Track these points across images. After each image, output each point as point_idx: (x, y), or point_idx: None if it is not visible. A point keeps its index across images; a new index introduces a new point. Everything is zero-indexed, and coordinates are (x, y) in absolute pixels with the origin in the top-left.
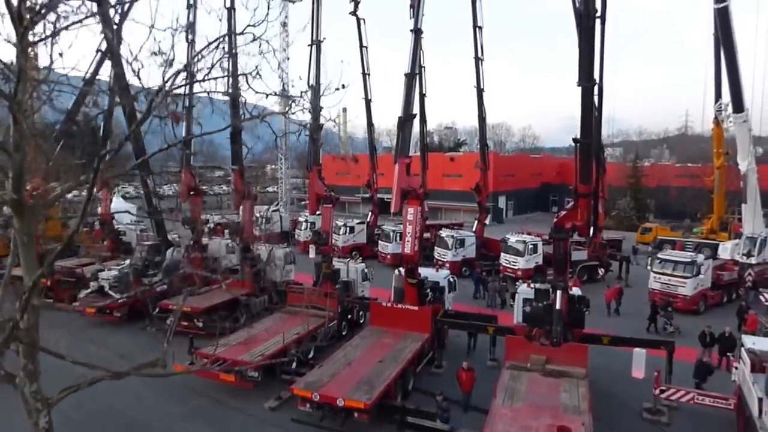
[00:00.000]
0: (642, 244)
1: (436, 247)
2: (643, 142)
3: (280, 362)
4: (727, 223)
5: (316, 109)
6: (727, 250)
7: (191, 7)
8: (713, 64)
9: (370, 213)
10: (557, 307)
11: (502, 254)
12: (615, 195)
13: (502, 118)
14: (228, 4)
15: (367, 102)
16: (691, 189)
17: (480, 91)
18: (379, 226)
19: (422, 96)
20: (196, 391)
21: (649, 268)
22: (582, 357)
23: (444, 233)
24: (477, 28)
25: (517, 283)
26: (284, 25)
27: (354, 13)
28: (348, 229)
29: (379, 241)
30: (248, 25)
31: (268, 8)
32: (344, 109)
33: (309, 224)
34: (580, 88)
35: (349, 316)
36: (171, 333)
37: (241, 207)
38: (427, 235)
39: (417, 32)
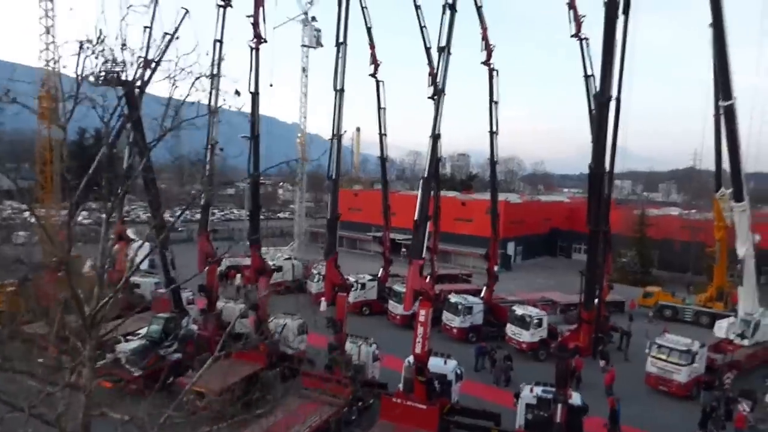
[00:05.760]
0: (643, 307)
1: (444, 312)
2: (651, 175)
3: None
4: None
5: (335, 197)
6: (722, 329)
7: (218, 42)
8: (713, 147)
9: (381, 269)
10: (557, 420)
11: (508, 324)
12: (620, 245)
13: (513, 151)
14: (253, 44)
15: (383, 160)
16: (695, 244)
17: (494, 164)
18: (392, 275)
19: (438, 160)
20: None
21: (647, 351)
22: None
23: (453, 298)
24: (493, 103)
25: (520, 386)
26: (304, 70)
27: (374, 75)
28: (359, 285)
29: (390, 301)
30: None
31: None
32: (358, 129)
33: (322, 277)
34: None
35: (360, 403)
36: None
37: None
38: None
39: (435, 137)
